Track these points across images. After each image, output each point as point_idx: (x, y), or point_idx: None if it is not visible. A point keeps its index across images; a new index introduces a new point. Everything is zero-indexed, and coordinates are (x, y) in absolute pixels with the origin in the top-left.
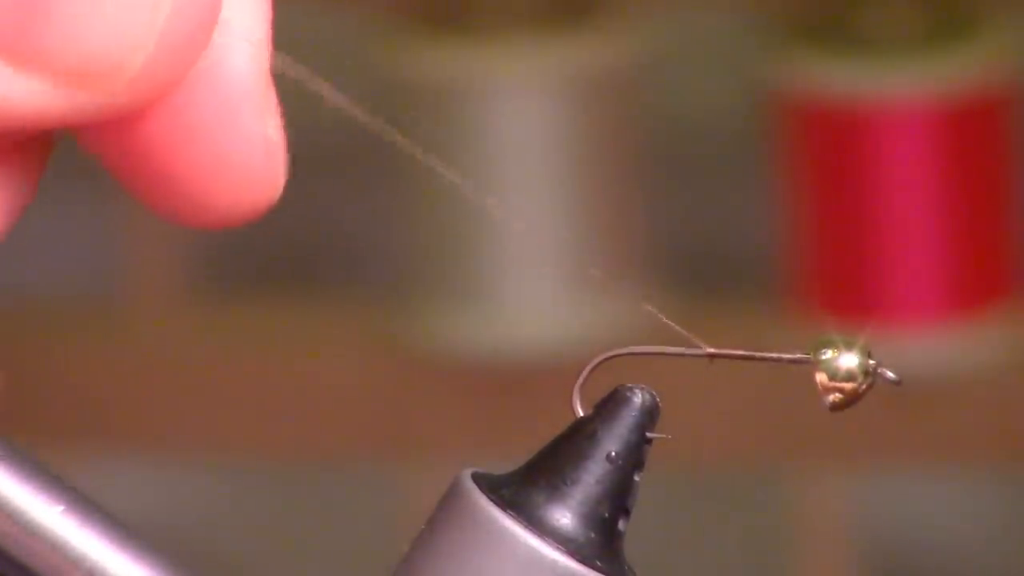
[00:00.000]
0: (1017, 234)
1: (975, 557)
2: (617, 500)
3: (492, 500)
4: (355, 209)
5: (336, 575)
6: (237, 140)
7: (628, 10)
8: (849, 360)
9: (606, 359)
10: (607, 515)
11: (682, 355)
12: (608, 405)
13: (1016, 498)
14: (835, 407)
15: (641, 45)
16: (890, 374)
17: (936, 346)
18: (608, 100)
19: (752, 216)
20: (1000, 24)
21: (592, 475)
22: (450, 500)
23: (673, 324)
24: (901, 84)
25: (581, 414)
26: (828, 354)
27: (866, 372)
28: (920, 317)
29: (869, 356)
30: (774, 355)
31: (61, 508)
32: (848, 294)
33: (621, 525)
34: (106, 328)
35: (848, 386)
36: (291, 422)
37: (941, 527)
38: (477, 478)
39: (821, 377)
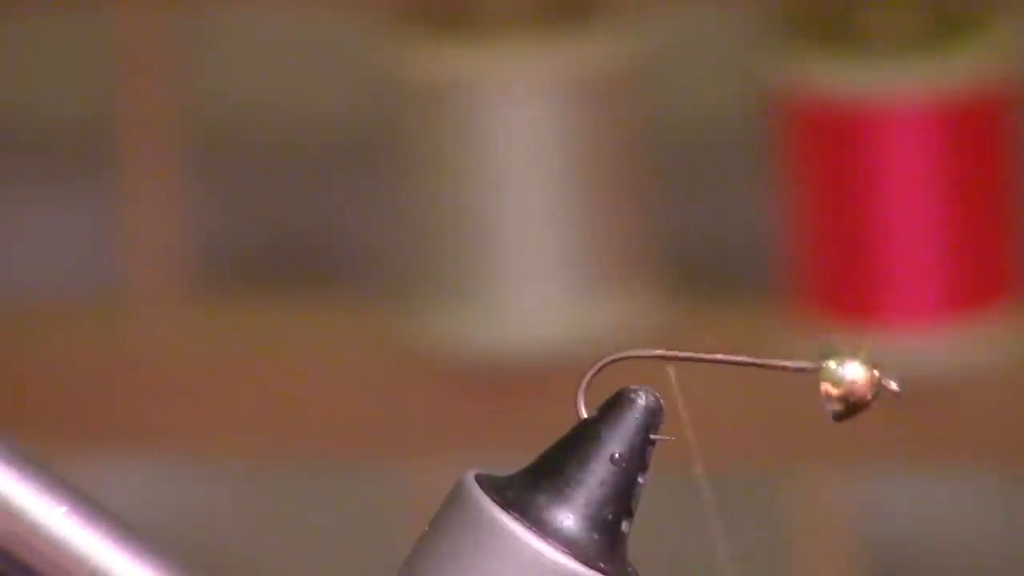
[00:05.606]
0: (1017, 234)
1: (975, 557)
2: (620, 502)
3: (495, 502)
4: (355, 209)
5: (337, 575)
6: None
7: (628, 10)
8: (854, 371)
9: (611, 361)
10: (610, 517)
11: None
12: (612, 407)
13: (1016, 498)
14: (839, 417)
15: (641, 45)
16: (893, 385)
17: (936, 346)
18: (608, 100)
19: (752, 216)
20: (1000, 24)
21: (596, 477)
22: (454, 502)
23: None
24: (901, 84)
25: (585, 416)
26: (833, 365)
27: (870, 383)
28: (920, 317)
29: (874, 367)
30: (779, 363)
31: (64, 509)
32: (848, 293)
33: (624, 527)
34: (105, 328)
35: (852, 397)
36: (291, 422)
37: (941, 527)
38: (480, 480)
39: (826, 387)
